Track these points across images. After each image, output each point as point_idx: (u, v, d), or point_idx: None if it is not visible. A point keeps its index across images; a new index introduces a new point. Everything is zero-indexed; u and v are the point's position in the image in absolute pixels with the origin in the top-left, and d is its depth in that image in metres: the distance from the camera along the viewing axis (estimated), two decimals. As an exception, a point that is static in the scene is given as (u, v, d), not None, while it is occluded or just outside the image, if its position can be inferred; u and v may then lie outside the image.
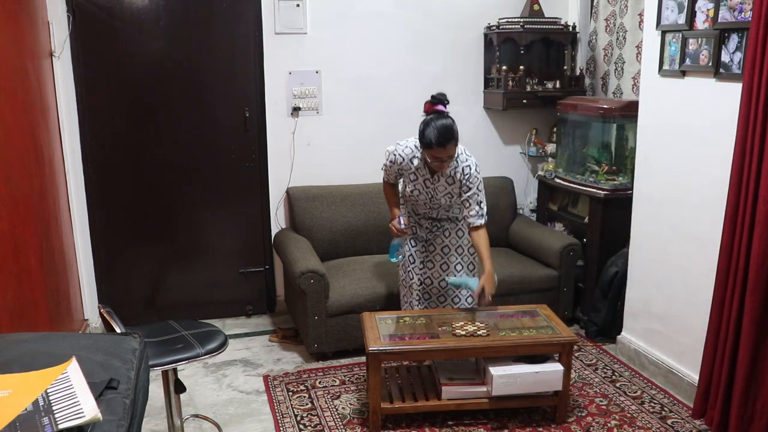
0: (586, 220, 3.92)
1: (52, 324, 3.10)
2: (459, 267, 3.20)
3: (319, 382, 3.34)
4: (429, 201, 3.11)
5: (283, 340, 3.83)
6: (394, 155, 3.03)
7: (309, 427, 2.92)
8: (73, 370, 1.18)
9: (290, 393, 3.23)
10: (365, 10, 4.06)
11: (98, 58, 3.72)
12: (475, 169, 2.99)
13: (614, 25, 4.09)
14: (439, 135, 2.78)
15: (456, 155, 2.93)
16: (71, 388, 1.11)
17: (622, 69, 4.04)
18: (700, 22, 2.86)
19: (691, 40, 2.91)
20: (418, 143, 2.94)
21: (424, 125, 2.84)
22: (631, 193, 3.47)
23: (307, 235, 3.93)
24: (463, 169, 2.98)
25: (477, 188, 3.00)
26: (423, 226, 3.24)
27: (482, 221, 3.03)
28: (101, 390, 1.16)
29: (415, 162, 3.00)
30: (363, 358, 3.43)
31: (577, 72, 4.31)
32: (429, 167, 2.98)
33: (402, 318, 3.09)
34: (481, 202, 3.02)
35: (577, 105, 3.98)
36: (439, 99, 2.89)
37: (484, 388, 2.89)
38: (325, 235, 3.95)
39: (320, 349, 3.48)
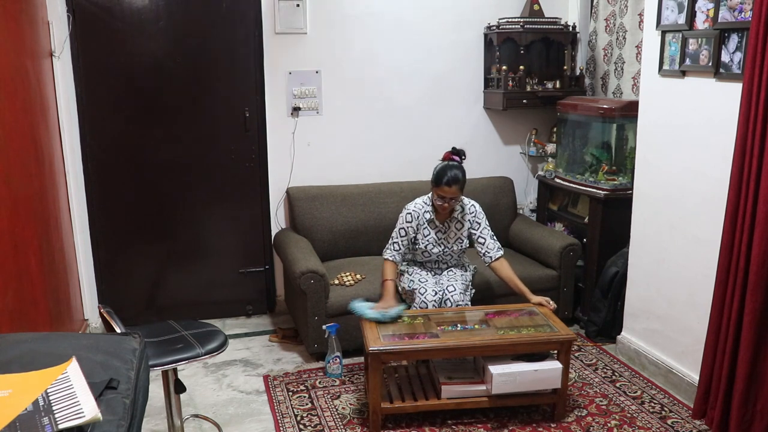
0: (586, 220, 3.92)
1: (52, 324, 3.10)
2: (462, 283, 3.32)
3: (319, 382, 3.34)
4: (442, 252, 3.35)
5: (283, 340, 3.83)
6: (410, 212, 3.29)
7: (309, 427, 2.92)
8: (73, 370, 1.18)
9: (290, 393, 3.23)
10: (365, 10, 4.06)
11: (98, 58, 3.72)
12: (480, 208, 3.34)
13: (614, 25, 4.09)
14: (448, 176, 3.13)
15: (460, 201, 3.29)
16: (71, 388, 1.11)
17: (622, 69, 4.04)
18: (700, 22, 2.86)
19: (691, 40, 2.91)
20: (426, 199, 3.31)
21: (439, 167, 3.20)
22: (631, 193, 3.47)
23: (307, 235, 3.93)
24: (468, 209, 3.32)
25: (485, 223, 3.32)
26: (429, 265, 3.46)
27: (502, 252, 3.32)
28: (101, 390, 1.16)
29: (428, 216, 3.29)
30: (363, 358, 3.43)
31: (577, 72, 4.31)
32: (436, 214, 3.28)
33: (401, 318, 3.09)
34: (493, 236, 3.33)
35: (577, 105, 3.98)
36: (457, 152, 3.28)
37: (483, 387, 2.90)
38: (325, 235, 3.95)
39: (320, 349, 3.48)
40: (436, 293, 3.23)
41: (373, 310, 3.04)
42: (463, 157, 3.28)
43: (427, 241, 3.31)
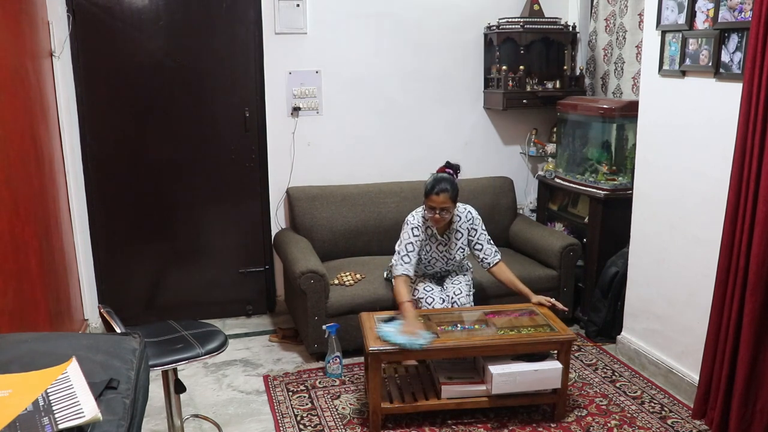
0: (586, 220, 3.92)
1: (52, 324, 3.10)
2: (466, 285, 3.34)
3: (319, 382, 3.34)
4: (445, 264, 3.34)
5: (283, 340, 3.83)
6: (415, 226, 3.19)
7: (309, 427, 2.92)
8: (73, 370, 1.18)
9: (290, 393, 3.23)
10: (365, 10, 4.06)
11: (98, 58, 3.72)
12: (476, 213, 3.31)
13: (614, 25, 4.09)
14: (436, 184, 3.07)
15: (453, 212, 3.18)
16: (71, 388, 1.11)
17: (622, 69, 4.04)
18: (700, 22, 2.86)
19: (691, 40, 2.91)
20: (424, 213, 3.20)
21: (429, 179, 3.15)
22: (631, 193, 3.47)
23: (307, 235, 3.93)
24: (465, 217, 3.27)
25: (482, 228, 3.30)
26: (430, 275, 3.43)
27: (500, 256, 3.31)
28: (101, 390, 1.16)
29: (429, 231, 3.24)
30: (363, 358, 3.43)
31: (577, 72, 4.31)
32: (436, 228, 3.22)
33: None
34: (490, 240, 3.31)
35: (577, 105, 3.98)
36: (451, 166, 3.24)
37: (483, 387, 2.90)
38: (325, 235, 3.95)
39: (320, 349, 3.48)
40: (444, 300, 3.23)
41: (401, 335, 2.81)
42: (458, 172, 3.24)
43: (431, 255, 3.28)
